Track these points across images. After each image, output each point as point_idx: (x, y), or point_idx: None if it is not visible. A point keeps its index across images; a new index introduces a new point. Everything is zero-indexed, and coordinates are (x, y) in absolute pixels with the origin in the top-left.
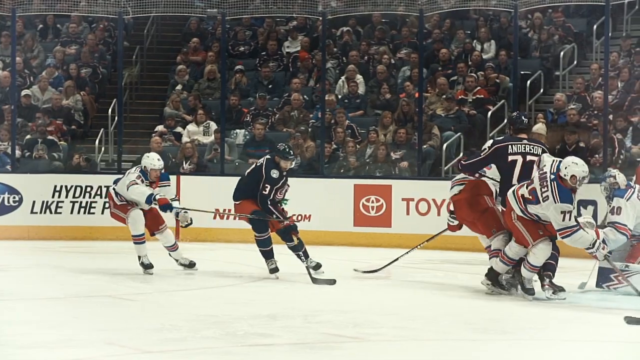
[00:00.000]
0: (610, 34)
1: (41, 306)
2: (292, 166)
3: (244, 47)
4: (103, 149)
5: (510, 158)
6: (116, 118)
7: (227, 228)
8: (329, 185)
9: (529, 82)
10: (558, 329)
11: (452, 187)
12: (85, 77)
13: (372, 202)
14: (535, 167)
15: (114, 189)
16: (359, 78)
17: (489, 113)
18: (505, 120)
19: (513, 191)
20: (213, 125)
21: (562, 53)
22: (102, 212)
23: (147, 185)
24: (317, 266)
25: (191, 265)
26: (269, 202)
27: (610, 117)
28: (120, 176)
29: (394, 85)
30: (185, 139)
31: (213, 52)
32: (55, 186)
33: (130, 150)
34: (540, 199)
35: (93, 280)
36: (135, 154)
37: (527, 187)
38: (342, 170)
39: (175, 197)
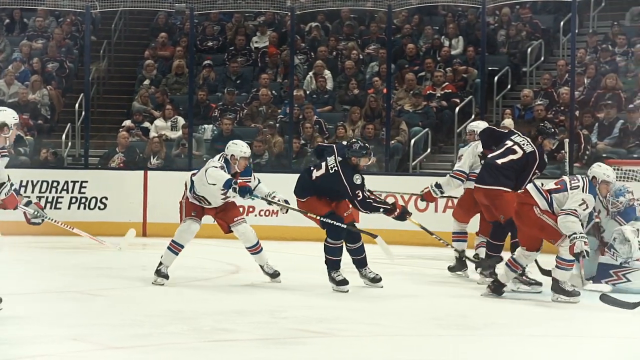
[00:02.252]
0: (576, 31)
1: (8, 302)
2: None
3: (212, 42)
4: (70, 143)
5: None
6: (83, 113)
7: None
8: (294, 180)
9: (496, 78)
10: (525, 325)
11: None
12: (52, 72)
13: None
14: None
15: (192, 179)
16: (327, 73)
17: (457, 109)
18: (473, 116)
19: (535, 185)
20: (181, 120)
21: (529, 49)
22: (69, 207)
23: None
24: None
25: (275, 275)
26: (372, 201)
27: (577, 113)
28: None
29: (362, 81)
30: (152, 134)
31: (181, 47)
32: (22, 181)
33: (97, 145)
34: (569, 186)
35: (61, 276)
36: (103, 148)
37: (551, 183)
38: (310, 166)
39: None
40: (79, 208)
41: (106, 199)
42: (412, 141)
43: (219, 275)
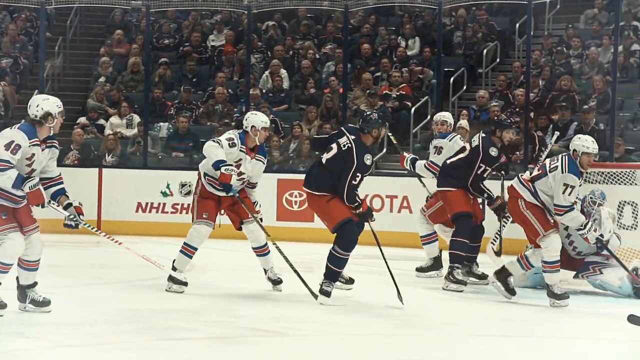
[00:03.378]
0: (532, 33)
1: None
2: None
3: (169, 40)
4: None
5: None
6: None
7: (148, 222)
8: None
9: (452, 79)
10: (475, 325)
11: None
12: (5, 68)
13: (296, 196)
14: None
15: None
16: (284, 73)
17: (413, 109)
18: (429, 117)
19: (518, 178)
20: (136, 118)
21: (485, 51)
22: None
23: (243, 152)
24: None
25: (277, 282)
26: (355, 193)
27: (532, 114)
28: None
29: (319, 80)
30: (108, 131)
31: (137, 44)
32: None
33: None
34: (548, 170)
35: (16, 273)
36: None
37: (534, 170)
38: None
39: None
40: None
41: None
42: None
43: None
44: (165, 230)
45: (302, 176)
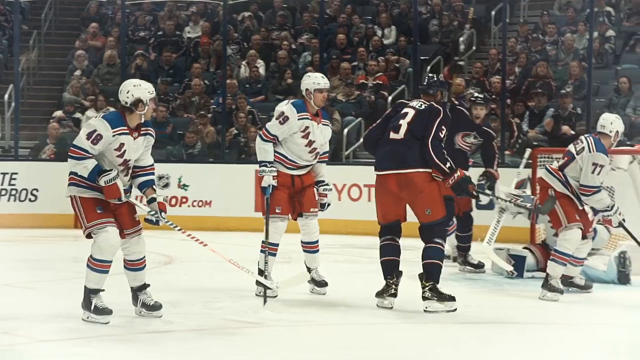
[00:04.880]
0: (507, 20)
1: None
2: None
3: (145, 32)
4: (0, 135)
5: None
6: (13, 104)
7: None
8: (229, 171)
9: (429, 67)
10: (457, 314)
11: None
12: None
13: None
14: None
15: None
16: (260, 63)
17: (390, 98)
18: None
19: (546, 168)
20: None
21: (461, 39)
22: None
23: (307, 119)
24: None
25: (321, 284)
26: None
27: (508, 101)
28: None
29: (296, 71)
30: (84, 124)
31: (113, 37)
32: None
33: (27, 136)
34: (575, 152)
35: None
36: (33, 140)
37: (562, 159)
38: (243, 156)
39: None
40: (9, 200)
41: (37, 190)
42: (345, 131)
43: (152, 267)
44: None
45: None
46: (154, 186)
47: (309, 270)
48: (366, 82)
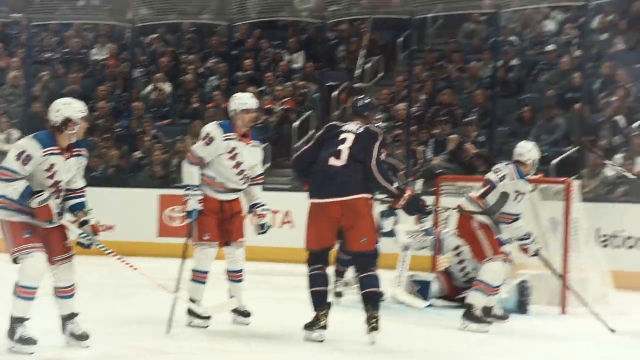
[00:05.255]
0: (414, 47)
1: None
2: None
3: (50, 54)
4: None
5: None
6: None
7: None
8: (133, 195)
9: (335, 93)
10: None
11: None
12: None
13: (177, 212)
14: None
15: None
16: (167, 86)
17: (296, 123)
18: (311, 132)
19: (467, 197)
20: (15, 133)
21: (368, 65)
22: None
23: (232, 140)
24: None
25: (245, 314)
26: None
27: (413, 128)
28: None
29: (203, 95)
30: None
31: (17, 57)
32: None
33: None
34: (497, 179)
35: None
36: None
37: (480, 186)
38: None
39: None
40: None
41: None
42: None
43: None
44: None
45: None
46: (85, 209)
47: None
48: (273, 107)
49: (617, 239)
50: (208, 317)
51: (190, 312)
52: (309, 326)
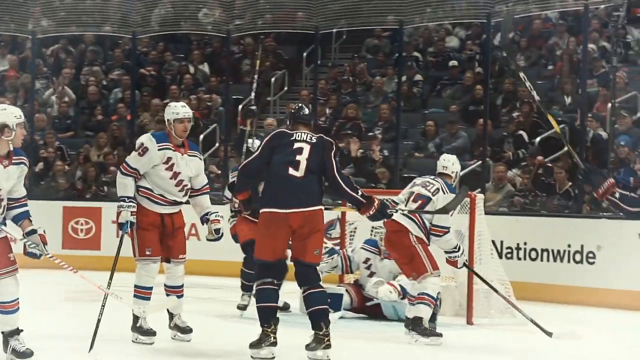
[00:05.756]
0: (319, 62)
1: None
2: None
3: None
4: None
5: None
6: None
7: None
8: (37, 207)
9: (240, 106)
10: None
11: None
12: None
13: (82, 224)
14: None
15: None
16: (70, 98)
17: (201, 136)
18: (217, 144)
19: (401, 213)
20: None
21: (273, 79)
22: None
23: (167, 150)
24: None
25: (186, 331)
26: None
27: None
28: None
29: (106, 107)
30: None
31: None
32: None
33: None
34: (430, 194)
35: None
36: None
37: (411, 202)
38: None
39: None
40: None
41: None
42: None
43: None
44: None
45: (89, 204)
46: (30, 218)
47: (172, 316)
48: None
49: (520, 251)
50: (153, 334)
51: (135, 329)
52: (257, 344)
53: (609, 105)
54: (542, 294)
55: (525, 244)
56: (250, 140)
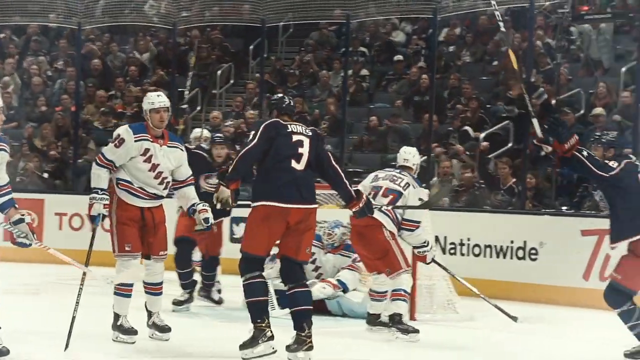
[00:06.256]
0: (265, 55)
1: None
2: None
3: None
4: None
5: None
6: None
7: None
8: None
9: (186, 99)
10: None
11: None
12: None
13: (24, 216)
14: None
15: None
16: (13, 89)
17: None
18: None
19: (379, 209)
20: None
21: (219, 72)
22: None
23: (145, 141)
24: None
25: (164, 329)
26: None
27: None
28: None
29: (51, 97)
30: None
31: None
32: None
33: None
34: (401, 188)
35: None
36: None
37: (380, 196)
38: None
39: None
40: None
41: None
42: None
43: None
44: None
45: (32, 195)
46: (16, 205)
47: (150, 314)
48: (124, 111)
49: (464, 247)
50: (134, 333)
51: (116, 327)
52: (249, 343)
53: (553, 101)
54: (484, 289)
55: (468, 239)
56: (197, 130)
